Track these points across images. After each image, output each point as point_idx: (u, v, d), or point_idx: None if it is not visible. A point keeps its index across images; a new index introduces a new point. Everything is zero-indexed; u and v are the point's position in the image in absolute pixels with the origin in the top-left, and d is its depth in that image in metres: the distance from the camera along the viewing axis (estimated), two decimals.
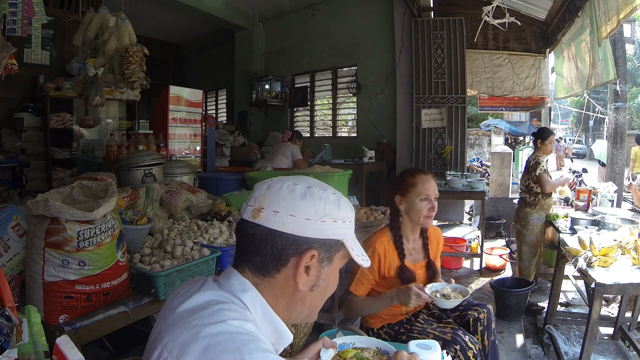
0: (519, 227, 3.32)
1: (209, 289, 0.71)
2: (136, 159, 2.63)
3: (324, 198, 0.72)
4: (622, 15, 2.68)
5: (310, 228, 0.70)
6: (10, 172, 4.32)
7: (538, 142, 3.31)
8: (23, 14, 2.44)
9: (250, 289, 0.71)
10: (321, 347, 0.91)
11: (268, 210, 0.70)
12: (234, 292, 0.70)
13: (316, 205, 0.71)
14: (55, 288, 1.39)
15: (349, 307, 1.70)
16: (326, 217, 0.71)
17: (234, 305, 0.68)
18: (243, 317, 0.66)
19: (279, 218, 0.70)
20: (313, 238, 0.71)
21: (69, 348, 0.86)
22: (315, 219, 0.71)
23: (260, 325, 0.69)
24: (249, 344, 0.59)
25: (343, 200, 0.76)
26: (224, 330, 0.60)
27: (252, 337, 0.61)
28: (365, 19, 5.85)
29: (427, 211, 1.67)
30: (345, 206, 0.76)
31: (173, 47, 8.78)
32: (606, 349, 2.50)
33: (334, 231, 0.73)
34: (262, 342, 0.62)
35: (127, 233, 1.76)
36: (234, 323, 0.62)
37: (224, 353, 0.57)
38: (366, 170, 4.88)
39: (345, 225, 0.74)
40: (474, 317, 1.70)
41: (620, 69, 5.34)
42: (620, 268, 1.90)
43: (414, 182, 1.69)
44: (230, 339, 0.59)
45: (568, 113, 24.49)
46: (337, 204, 0.74)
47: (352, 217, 0.76)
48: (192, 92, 4.40)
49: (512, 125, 11.68)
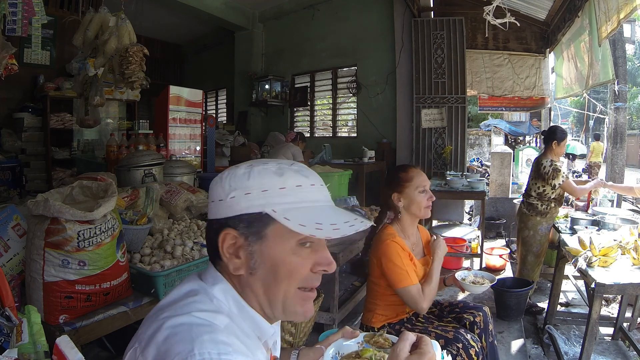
0: (526, 235, 3.07)
1: (187, 282, 0.71)
2: (136, 159, 2.63)
3: (234, 173, 0.69)
4: (623, 15, 2.68)
5: (223, 207, 0.68)
6: (10, 172, 4.32)
7: (553, 143, 2.97)
8: (23, 14, 2.44)
9: (221, 281, 0.69)
10: (340, 337, 0.85)
11: (209, 202, 0.72)
12: (206, 285, 0.69)
13: (224, 183, 0.69)
14: (55, 288, 1.39)
15: (428, 295, 1.61)
16: (233, 191, 0.67)
17: (206, 298, 0.67)
18: (214, 309, 0.65)
19: (210, 207, 0.71)
20: (226, 217, 0.67)
21: (69, 348, 0.86)
22: (224, 196, 0.68)
23: (236, 318, 0.67)
24: (204, 335, 0.58)
25: (258, 168, 0.68)
26: (185, 322, 0.61)
27: (212, 329, 0.60)
28: (365, 19, 5.85)
29: (427, 201, 1.69)
30: (260, 174, 0.68)
31: (173, 47, 8.78)
32: (606, 349, 2.50)
33: (248, 204, 0.66)
34: (223, 335, 0.60)
35: (127, 233, 1.76)
36: (199, 315, 0.62)
37: (178, 343, 0.57)
38: (366, 170, 4.89)
39: (264, 195, 0.66)
40: (470, 321, 1.70)
41: (620, 69, 5.34)
42: (620, 268, 1.90)
43: (409, 177, 1.70)
44: (188, 330, 0.59)
45: (568, 113, 24.49)
46: (246, 175, 0.68)
47: (275, 184, 0.67)
48: (192, 92, 4.40)
49: (512, 125, 11.67)
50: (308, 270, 0.69)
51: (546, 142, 3.05)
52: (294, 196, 0.67)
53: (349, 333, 0.82)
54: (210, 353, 0.55)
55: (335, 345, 0.81)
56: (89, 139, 5.15)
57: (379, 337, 0.81)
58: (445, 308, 1.86)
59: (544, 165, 2.97)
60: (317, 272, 0.70)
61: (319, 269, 0.70)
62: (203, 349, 0.56)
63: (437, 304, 1.89)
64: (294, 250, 0.67)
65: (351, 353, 0.80)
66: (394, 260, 1.61)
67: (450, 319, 1.76)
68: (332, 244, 2.36)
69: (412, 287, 1.59)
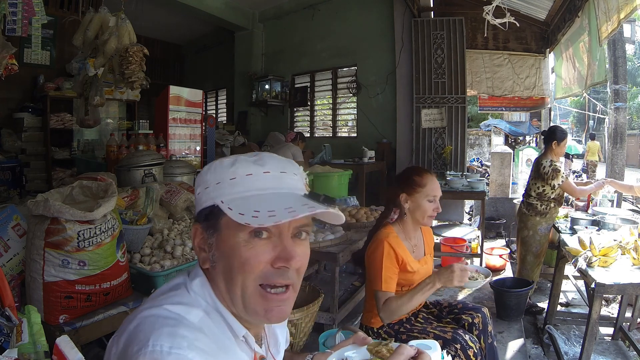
0: (525, 235, 3.08)
1: (177, 277, 0.73)
2: (136, 159, 2.63)
3: (201, 171, 0.72)
4: (623, 15, 2.68)
5: (196, 205, 0.72)
6: (10, 172, 4.32)
7: (553, 143, 2.97)
8: (23, 14, 2.44)
9: (200, 276, 0.69)
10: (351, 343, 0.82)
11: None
12: (188, 279, 0.70)
13: (195, 182, 0.73)
14: (55, 288, 1.39)
15: (390, 308, 1.58)
16: (198, 187, 0.71)
17: (185, 291, 0.68)
18: (189, 303, 0.65)
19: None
20: (197, 213, 0.71)
21: (69, 348, 0.86)
22: (195, 194, 0.72)
23: (213, 313, 0.67)
24: (164, 327, 0.59)
25: (216, 163, 0.70)
26: (155, 314, 0.62)
27: (176, 322, 0.60)
28: (365, 19, 5.85)
29: (432, 211, 1.68)
30: (216, 168, 0.69)
31: (173, 47, 8.78)
32: (606, 349, 2.50)
33: (206, 198, 0.68)
34: (187, 330, 0.60)
35: (127, 233, 1.76)
36: (170, 308, 0.63)
37: (140, 333, 0.59)
38: (366, 170, 4.88)
39: (217, 187, 0.67)
40: (468, 322, 1.70)
41: (620, 69, 5.34)
42: (620, 268, 1.90)
43: (423, 183, 1.68)
44: (152, 322, 0.60)
45: (568, 113, 24.49)
46: (207, 170, 0.70)
47: (227, 176, 0.67)
48: (192, 92, 4.40)
49: (512, 125, 11.68)
50: (266, 264, 0.65)
51: (546, 142, 3.05)
52: (243, 185, 0.66)
53: (360, 339, 0.79)
54: (162, 346, 0.56)
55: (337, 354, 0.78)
56: (89, 139, 5.15)
57: (383, 347, 0.76)
58: (445, 308, 1.86)
59: (543, 165, 2.97)
60: (279, 267, 0.66)
61: (279, 264, 0.65)
62: (157, 341, 0.56)
63: (436, 304, 1.89)
64: (247, 242, 0.65)
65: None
66: (377, 261, 1.63)
67: (449, 320, 1.76)
68: (332, 244, 2.36)
69: (381, 293, 1.60)
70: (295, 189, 0.69)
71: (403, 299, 1.58)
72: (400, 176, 1.80)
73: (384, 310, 1.59)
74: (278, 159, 0.72)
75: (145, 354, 0.55)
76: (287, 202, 0.64)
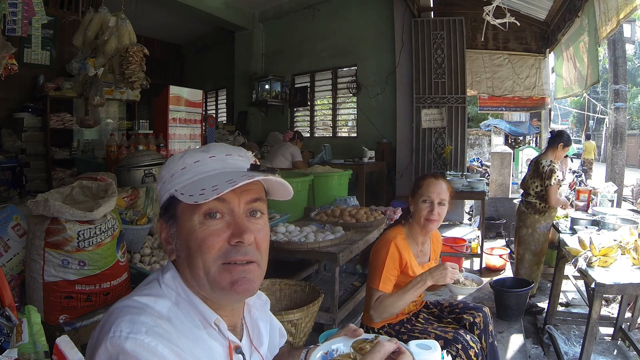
0: (524, 234, 3.11)
1: (153, 272, 0.77)
2: (136, 159, 2.63)
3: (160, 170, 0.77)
4: (622, 15, 2.68)
5: (160, 202, 0.75)
6: (10, 172, 4.32)
7: (559, 145, 3.04)
8: (23, 14, 2.44)
9: (171, 268, 0.72)
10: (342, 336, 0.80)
11: None
12: (161, 272, 0.73)
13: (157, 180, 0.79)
14: (55, 288, 1.39)
15: (381, 305, 1.58)
16: (158, 184, 0.75)
17: (157, 284, 0.71)
18: (158, 294, 0.68)
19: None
20: (160, 210, 0.75)
21: (69, 348, 0.86)
22: (158, 192, 0.77)
23: (184, 303, 0.69)
24: (127, 315, 0.62)
25: (170, 158, 0.76)
26: (123, 305, 0.66)
27: (140, 311, 0.63)
28: (365, 19, 5.84)
29: (427, 213, 1.68)
30: (169, 163, 0.74)
31: (173, 47, 8.77)
32: (606, 349, 2.50)
33: (164, 192, 0.73)
34: (149, 317, 0.62)
35: (127, 233, 1.76)
36: (138, 299, 0.66)
37: (108, 322, 0.63)
38: (366, 170, 4.88)
39: (171, 179, 0.72)
40: (469, 322, 1.70)
41: (620, 69, 5.35)
42: (620, 268, 1.90)
43: (420, 184, 1.74)
44: (119, 312, 0.64)
45: (568, 113, 24.50)
46: (164, 166, 0.75)
47: (178, 167, 0.71)
48: (192, 92, 4.39)
49: (512, 125, 11.68)
50: (223, 242, 0.68)
51: (552, 142, 3.09)
52: (192, 172, 0.70)
53: (351, 332, 0.79)
54: (122, 331, 0.59)
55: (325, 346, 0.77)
56: (89, 139, 5.15)
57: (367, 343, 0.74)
58: (445, 308, 1.86)
59: (543, 164, 3.01)
60: (235, 244, 0.68)
61: (234, 241, 0.68)
62: (117, 327, 0.60)
63: (437, 305, 1.89)
64: (202, 223, 0.68)
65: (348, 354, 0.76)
66: (380, 259, 1.64)
67: (450, 320, 1.76)
68: (332, 244, 2.36)
69: (376, 292, 1.61)
70: (241, 168, 0.73)
71: (394, 297, 1.59)
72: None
73: (374, 308, 1.60)
74: (225, 146, 0.77)
75: (106, 340, 0.59)
76: (229, 176, 0.68)
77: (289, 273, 2.83)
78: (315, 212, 3.09)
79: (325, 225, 2.72)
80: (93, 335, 0.66)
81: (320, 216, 2.97)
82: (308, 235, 2.46)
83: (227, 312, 0.74)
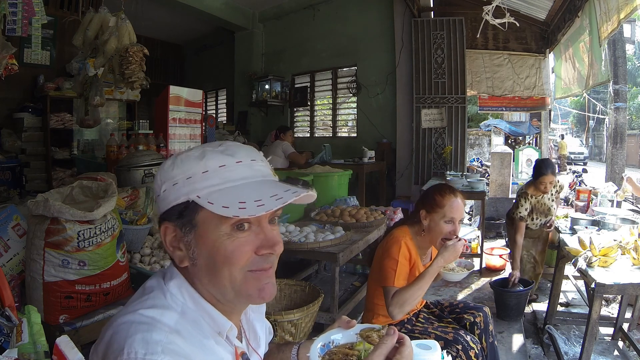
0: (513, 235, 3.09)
1: (151, 278, 0.71)
2: (136, 159, 2.63)
3: (162, 166, 0.69)
4: (623, 15, 2.68)
5: (160, 202, 0.69)
6: (10, 172, 4.31)
7: (534, 177, 2.89)
8: (23, 14, 2.44)
9: (177, 276, 0.68)
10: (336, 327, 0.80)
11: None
12: (164, 280, 0.69)
13: (156, 178, 0.70)
14: (55, 288, 1.39)
15: (401, 299, 1.50)
16: (163, 184, 0.67)
17: (160, 294, 0.66)
18: (164, 306, 0.64)
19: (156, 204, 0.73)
20: (164, 211, 0.68)
21: (69, 348, 0.86)
22: (160, 191, 0.68)
23: (192, 312, 0.66)
24: (138, 334, 0.58)
25: (182, 156, 0.68)
26: (128, 320, 0.61)
27: (150, 327, 0.59)
28: (365, 19, 5.84)
29: (448, 234, 1.62)
30: (183, 162, 0.67)
31: (173, 47, 8.77)
32: (606, 349, 2.50)
33: (176, 195, 0.65)
34: (161, 334, 0.59)
35: (127, 233, 1.76)
36: (144, 312, 0.62)
37: (115, 342, 0.59)
38: (366, 170, 4.88)
39: (188, 182, 0.65)
40: (470, 322, 1.70)
41: (620, 69, 5.35)
42: (620, 268, 1.90)
43: (442, 204, 1.65)
44: (126, 329, 0.60)
45: (568, 113, 24.52)
46: (172, 165, 0.67)
47: (198, 169, 0.65)
48: (192, 92, 4.39)
49: (512, 125, 11.68)
50: (251, 254, 0.65)
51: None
52: (218, 177, 0.65)
53: (344, 323, 0.78)
54: (137, 353, 0.56)
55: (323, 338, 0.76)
56: (89, 139, 5.15)
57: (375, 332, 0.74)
58: (446, 308, 1.86)
59: (517, 193, 3.03)
60: (263, 254, 0.66)
61: (264, 252, 0.66)
62: (131, 348, 0.56)
63: (437, 304, 1.89)
64: (230, 235, 0.64)
65: (345, 344, 0.76)
66: (392, 257, 1.61)
67: (451, 320, 1.76)
68: (332, 244, 2.36)
69: (391, 289, 1.56)
70: (268, 175, 0.70)
71: (413, 288, 1.52)
72: (425, 191, 1.79)
73: (394, 304, 1.51)
74: (244, 147, 0.71)
75: None
76: (269, 190, 0.64)
77: (289, 273, 2.83)
78: (315, 212, 3.09)
79: (325, 225, 2.72)
80: (97, 351, 0.62)
81: (320, 216, 2.97)
82: (308, 235, 2.46)
83: (235, 317, 0.72)
